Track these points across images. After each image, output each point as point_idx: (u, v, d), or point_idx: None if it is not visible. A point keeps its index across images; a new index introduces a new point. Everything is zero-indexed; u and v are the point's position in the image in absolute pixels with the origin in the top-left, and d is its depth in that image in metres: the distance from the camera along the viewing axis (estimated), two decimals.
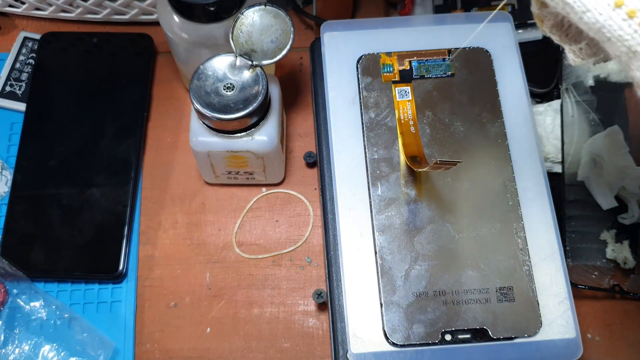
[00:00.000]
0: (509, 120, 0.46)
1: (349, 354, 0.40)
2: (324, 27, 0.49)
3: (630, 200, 0.49)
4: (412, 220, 0.43)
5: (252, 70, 0.44)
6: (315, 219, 0.52)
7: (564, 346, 0.40)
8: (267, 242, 0.52)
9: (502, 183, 0.44)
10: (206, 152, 0.47)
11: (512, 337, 0.40)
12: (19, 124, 0.55)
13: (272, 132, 0.46)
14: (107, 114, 0.54)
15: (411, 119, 0.45)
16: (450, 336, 0.40)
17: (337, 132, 0.45)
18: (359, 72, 0.47)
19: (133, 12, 0.57)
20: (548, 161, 0.51)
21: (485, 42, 0.48)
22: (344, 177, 0.44)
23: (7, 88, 0.56)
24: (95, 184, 0.52)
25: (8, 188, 0.52)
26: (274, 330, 0.49)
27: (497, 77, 0.47)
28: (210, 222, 0.52)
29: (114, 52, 0.57)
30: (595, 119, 0.52)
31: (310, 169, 0.54)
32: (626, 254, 0.48)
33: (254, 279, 0.50)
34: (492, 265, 0.42)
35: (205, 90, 0.43)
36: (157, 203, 0.53)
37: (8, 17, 0.60)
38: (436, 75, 0.47)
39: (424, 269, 0.42)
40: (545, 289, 0.41)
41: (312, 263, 0.51)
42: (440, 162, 0.38)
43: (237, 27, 0.44)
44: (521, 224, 0.43)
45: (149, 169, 0.54)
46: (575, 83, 0.52)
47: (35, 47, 0.57)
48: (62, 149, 0.53)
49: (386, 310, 0.41)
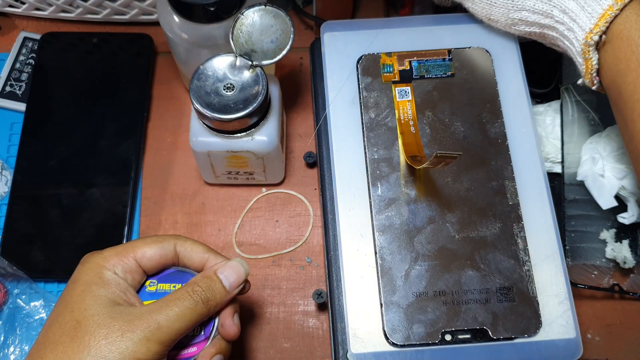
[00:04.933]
0: (509, 120, 0.46)
1: (349, 354, 0.40)
2: (324, 27, 0.49)
3: (629, 199, 0.49)
4: (412, 220, 0.43)
5: (252, 70, 0.44)
6: (315, 219, 0.52)
7: (564, 346, 0.40)
8: (267, 242, 0.52)
9: (502, 183, 0.44)
10: (206, 152, 0.47)
11: (512, 337, 0.40)
12: (19, 124, 0.55)
13: (272, 132, 0.46)
14: (107, 114, 0.54)
15: (411, 119, 0.45)
16: (450, 336, 0.40)
17: (337, 132, 0.45)
18: (359, 72, 0.47)
19: (133, 12, 0.57)
20: (548, 161, 0.51)
21: (485, 42, 0.48)
22: (344, 177, 0.44)
23: (7, 88, 0.56)
24: (95, 184, 0.52)
25: (8, 188, 0.52)
26: (274, 330, 0.49)
27: (497, 77, 0.47)
28: (210, 222, 0.52)
29: (114, 52, 0.57)
30: (595, 118, 0.52)
31: (310, 169, 0.54)
32: (626, 253, 0.48)
33: (254, 279, 0.51)
34: (492, 265, 0.42)
35: (205, 90, 0.43)
36: (157, 203, 0.53)
37: (8, 17, 0.60)
38: (436, 75, 0.47)
39: (424, 269, 0.42)
40: (545, 289, 0.41)
41: (312, 263, 0.51)
42: (440, 155, 0.37)
43: (237, 27, 0.44)
44: (521, 224, 0.43)
45: (149, 169, 0.54)
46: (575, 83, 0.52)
47: (35, 47, 0.57)
48: (62, 149, 0.53)
49: (386, 310, 0.41)
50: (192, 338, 0.39)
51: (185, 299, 0.36)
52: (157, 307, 0.36)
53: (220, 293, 0.38)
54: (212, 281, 0.38)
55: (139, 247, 0.39)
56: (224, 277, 0.39)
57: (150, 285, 0.40)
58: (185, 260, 0.40)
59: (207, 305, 0.37)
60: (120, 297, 0.37)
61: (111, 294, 0.36)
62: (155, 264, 0.39)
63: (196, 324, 0.37)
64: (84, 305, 0.35)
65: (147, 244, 0.39)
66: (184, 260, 0.40)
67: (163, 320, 0.35)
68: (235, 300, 0.40)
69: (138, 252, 0.39)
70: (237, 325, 0.39)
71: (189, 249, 0.40)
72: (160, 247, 0.39)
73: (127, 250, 0.39)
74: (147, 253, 0.39)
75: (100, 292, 0.36)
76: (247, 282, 0.41)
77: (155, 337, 0.34)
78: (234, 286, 0.39)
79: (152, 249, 0.39)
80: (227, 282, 0.38)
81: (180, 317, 0.36)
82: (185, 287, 0.37)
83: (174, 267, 0.40)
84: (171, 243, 0.40)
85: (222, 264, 0.39)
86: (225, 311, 0.39)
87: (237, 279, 0.39)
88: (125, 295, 0.37)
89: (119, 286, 0.37)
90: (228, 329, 0.39)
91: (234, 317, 0.39)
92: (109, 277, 0.37)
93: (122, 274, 0.38)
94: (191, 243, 0.40)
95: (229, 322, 0.39)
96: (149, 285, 0.40)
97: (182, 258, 0.40)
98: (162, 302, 0.36)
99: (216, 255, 0.40)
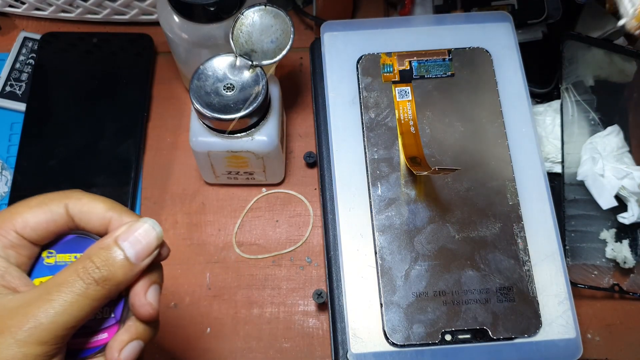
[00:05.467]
0: (509, 120, 0.46)
1: (349, 354, 0.40)
2: (324, 27, 0.49)
3: (629, 199, 0.49)
4: (412, 220, 0.43)
5: (252, 70, 0.44)
6: (315, 219, 0.52)
7: (564, 346, 0.40)
8: (267, 242, 0.52)
9: (502, 183, 0.44)
10: (206, 152, 0.47)
11: (512, 337, 0.40)
12: (19, 124, 0.55)
13: (272, 132, 0.46)
14: (107, 114, 0.54)
15: (411, 119, 0.45)
16: (450, 336, 0.40)
17: (337, 132, 0.45)
18: (359, 72, 0.47)
19: (133, 12, 0.57)
20: (548, 161, 0.51)
21: (485, 42, 0.48)
22: (344, 177, 0.44)
23: (7, 88, 0.56)
24: (95, 184, 0.52)
25: (8, 188, 0.52)
26: (274, 330, 0.49)
27: (497, 77, 0.47)
28: (210, 222, 0.52)
29: (114, 52, 0.57)
30: (595, 118, 0.52)
31: (310, 169, 0.54)
32: (626, 253, 0.48)
33: (254, 279, 0.50)
34: (492, 265, 0.42)
35: (205, 90, 0.43)
36: (157, 203, 0.53)
37: (8, 17, 0.60)
38: (436, 75, 0.47)
39: (424, 269, 0.42)
40: (545, 289, 0.41)
41: (312, 263, 0.51)
42: (440, 169, 0.38)
43: (237, 27, 0.44)
44: (521, 224, 0.43)
45: (149, 169, 0.54)
46: (575, 83, 0.52)
47: (35, 47, 0.57)
48: (62, 149, 0.53)
49: (386, 311, 0.41)
50: (102, 321, 0.31)
51: (74, 283, 0.28)
52: (35, 295, 0.28)
53: (123, 267, 0.29)
54: (110, 252, 0.30)
55: (18, 215, 0.30)
56: (127, 246, 0.30)
57: (49, 256, 0.32)
58: (82, 223, 0.31)
59: (103, 286, 0.29)
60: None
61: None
62: (43, 233, 0.31)
63: (94, 310, 0.29)
64: None
65: (29, 209, 0.31)
66: (81, 223, 0.31)
67: (42, 315, 0.27)
68: (155, 272, 0.32)
69: (18, 222, 0.30)
70: (150, 304, 0.31)
71: (84, 208, 0.31)
72: (45, 210, 0.31)
73: (4, 219, 0.30)
74: (31, 221, 0.30)
75: None
76: (164, 246, 0.32)
77: (32, 339, 0.27)
78: (142, 256, 0.30)
79: (35, 215, 0.31)
80: (131, 251, 0.30)
81: (67, 308, 0.28)
82: (75, 264, 0.29)
83: (73, 232, 0.32)
84: (61, 204, 0.31)
85: (126, 227, 0.30)
86: (135, 287, 0.31)
87: (147, 247, 0.30)
88: (3, 280, 0.29)
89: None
90: (139, 309, 0.31)
91: (147, 293, 0.31)
92: None
93: (2, 252, 0.30)
94: (88, 200, 0.31)
95: (140, 300, 0.30)
96: (46, 257, 0.32)
97: (79, 221, 0.31)
98: (43, 288, 0.28)
99: (121, 214, 0.31)
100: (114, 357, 0.30)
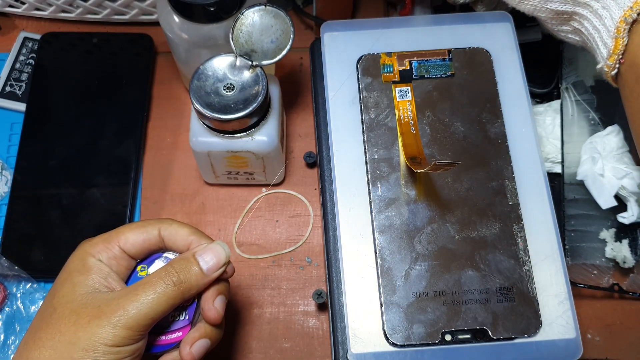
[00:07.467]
0: (509, 120, 0.46)
1: (349, 354, 0.40)
2: (324, 27, 0.49)
3: (629, 199, 0.49)
4: (412, 220, 0.43)
5: (252, 70, 0.44)
6: (315, 219, 0.52)
7: (564, 346, 0.40)
8: (267, 242, 0.52)
9: (502, 183, 0.44)
10: (206, 152, 0.47)
11: (512, 337, 0.40)
12: (19, 124, 0.55)
13: (272, 132, 0.46)
14: (107, 114, 0.54)
15: (411, 119, 0.45)
16: (450, 336, 0.40)
17: (337, 132, 0.45)
18: (359, 73, 0.47)
19: (133, 12, 0.57)
20: (548, 161, 0.51)
21: (485, 42, 0.48)
22: (344, 177, 0.44)
23: (7, 88, 0.56)
24: (95, 184, 0.52)
25: (8, 188, 0.52)
26: (274, 330, 0.49)
27: (497, 77, 0.47)
28: (210, 222, 0.52)
29: (114, 52, 0.57)
30: (595, 118, 0.52)
31: (310, 169, 0.54)
32: (625, 253, 0.48)
33: (254, 279, 0.51)
34: (492, 265, 0.42)
35: (205, 90, 0.43)
36: (157, 203, 0.53)
37: (8, 17, 0.60)
38: (436, 75, 0.47)
39: (424, 269, 0.42)
40: (545, 289, 0.41)
41: (312, 263, 0.51)
42: (440, 164, 0.38)
43: (237, 27, 0.44)
44: (521, 224, 0.43)
45: (149, 169, 0.54)
46: (575, 83, 0.52)
47: (35, 47, 0.57)
48: (62, 149, 0.53)
49: (386, 311, 0.41)
50: (177, 322, 0.38)
51: (157, 283, 0.36)
52: (127, 291, 0.36)
53: (197, 275, 0.37)
54: (188, 263, 0.37)
55: (122, 233, 0.39)
56: (202, 260, 0.38)
57: (142, 270, 0.40)
58: (170, 243, 0.40)
59: (179, 288, 0.36)
60: (100, 283, 0.37)
61: (91, 280, 0.36)
62: (139, 249, 0.39)
63: (170, 308, 0.36)
64: (62, 292, 0.36)
65: (130, 230, 0.39)
66: (169, 243, 0.40)
67: (130, 305, 0.35)
68: (222, 284, 0.39)
69: (122, 238, 0.39)
70: (216, 309, 0.38)
71: (173, 232, 0.39)
72: (142, 232, 0.39)
73: (112, 236, 0.39)
74: (130, 239, 0.39)
75: (80, 279, 0.36)
76: (230, 265, 0.40)
77: (121, 323, 0.34)
78: (213, 269, 0.38)
79: (135, 234, 0.39)
80: (205, 264, 0.38)
81: (150, 301, 0.35)
82: (160, 270, 0.37)
83: (162, 251, 0.40)
84: (155, 227, 0.39)
85: (203, 246, 0.39)
86: (206, 294, 0.38)
87: (217, 262, 0.38)
88: (106, 281, 0.37)
89: (101, 272, 0.37)
90: (207, 312, 0.38)
91: (214, 300, 0.38)
92: (91, 263, 0.37)
93: (107, 261, 0.38)
94: (176, 226, 0.40)
95: (208, 305, 0.38)
96: (140, 270, 0.40)
97: (167, 242, 0.40)
98: (132, 287, 0.36)
99: (200, 237, 0.40)
100: (186, 351, 0.37)
